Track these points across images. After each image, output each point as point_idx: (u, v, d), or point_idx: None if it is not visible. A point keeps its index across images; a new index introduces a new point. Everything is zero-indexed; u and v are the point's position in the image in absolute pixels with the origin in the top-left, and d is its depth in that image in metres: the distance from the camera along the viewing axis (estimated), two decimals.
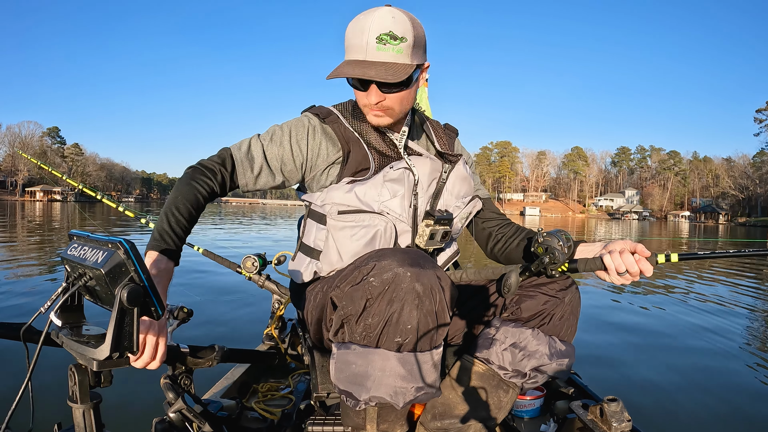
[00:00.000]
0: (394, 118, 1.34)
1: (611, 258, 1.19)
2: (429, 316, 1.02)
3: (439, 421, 1.36)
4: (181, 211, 1.19)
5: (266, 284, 2.57)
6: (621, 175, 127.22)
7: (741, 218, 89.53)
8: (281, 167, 1.37)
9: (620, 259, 1.19)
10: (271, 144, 1.36)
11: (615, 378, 3.06)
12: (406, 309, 1.00)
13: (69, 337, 0.94)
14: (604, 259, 1.20)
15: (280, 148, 1.36)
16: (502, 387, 1.35)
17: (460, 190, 1.45)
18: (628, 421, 1.54)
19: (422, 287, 1.01)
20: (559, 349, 1.34)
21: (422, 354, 1.06)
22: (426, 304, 1.01)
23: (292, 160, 1.37)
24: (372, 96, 1.28)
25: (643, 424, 1.56)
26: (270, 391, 1.96)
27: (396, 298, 1.00)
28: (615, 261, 1.19)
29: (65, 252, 1.00)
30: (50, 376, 2.17)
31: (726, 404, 2.67)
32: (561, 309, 1.33)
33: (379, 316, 1.02)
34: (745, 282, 7.90)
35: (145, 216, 2.79)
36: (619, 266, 1.19)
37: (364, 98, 1.30)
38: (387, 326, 1.02)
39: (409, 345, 1.03)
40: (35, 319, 0.93)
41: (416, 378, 1.06)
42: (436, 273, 1.05)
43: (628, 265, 1.19)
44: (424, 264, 1.04)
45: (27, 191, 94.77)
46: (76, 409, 0.96)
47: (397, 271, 1.01)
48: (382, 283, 1.02)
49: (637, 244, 1.22)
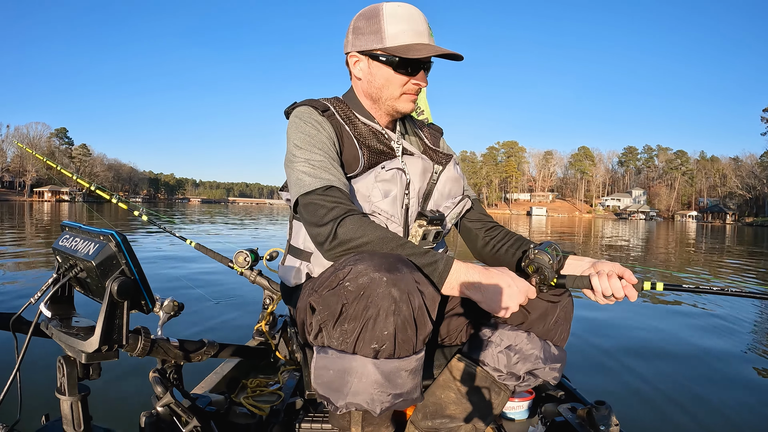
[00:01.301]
0: (414, 106, 1.41)
1: (599, 281, 1.23)
2: (407, 322, 1.01)
3: (430, 421, 1.36)
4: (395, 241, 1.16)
5: (258, 280, 2.57)
6: (628, 174, 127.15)
7: (748, 218, 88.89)
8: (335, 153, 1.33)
9: (608, 283, 1.23)
10: (311, 146, 1.30)
11: (604, 382, 3.07)
12: (381, 315, 0.98)
13: (58, 329, 0.93)
14: (592, 281, 1.24)
15: (317, 137, 1.31)
16: (495, 389, 1.35)
17: (450, 190, 1.46)
18: (616, 425, 1.54)
19: (399, 292, 0.99)
20: (553, 353, 1.35)
21: (400, 360, 1.04)
22: (403, 310, 0.99)
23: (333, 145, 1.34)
24: (424, 79, 1.35)
25: (631, 429, 1.57)
26: (259, 386, 1.95)
27: (372, 303, 0.99)
28: (602, 284, 1.23)
29: (57, 243, 0.99)
30: (39, 367, 2.15)
31: (714, 412, 2.69)
32: (555, 314, 1.33)
33: (355, 322, 1.00)
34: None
35: (138, 208, 2.78)
36: (605, 290, 1.23)
37: (411, 82, 1.34)
38: (363, 332, 1.00)
39: (386, 351, 1.02)
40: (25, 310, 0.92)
41: (394, 385, 1.04)
42: (413, 277, 1.03)
43: (615, 290, 1.23)
44: (402, 268, 1.02)
45: (35, 191, 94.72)
46: (64, 401, 0.95)
47: (373, 276, 0.99)
48: (357, 288, 1.00)
49: (626, 269, 1.25)
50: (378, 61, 1.33)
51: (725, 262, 11.46)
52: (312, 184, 1.23)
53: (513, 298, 1.11)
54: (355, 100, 1.43)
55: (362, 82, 1.39)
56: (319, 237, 1.20)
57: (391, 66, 1.32)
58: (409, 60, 1.30)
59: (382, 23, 1.30)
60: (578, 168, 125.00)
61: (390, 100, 1.37)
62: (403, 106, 1.37)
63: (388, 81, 1.34)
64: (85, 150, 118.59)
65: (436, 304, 1.07)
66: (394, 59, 1.30)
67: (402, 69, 1.32)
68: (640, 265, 10.49)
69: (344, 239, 1.15)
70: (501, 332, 1.34)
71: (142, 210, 2.74)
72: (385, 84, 1.35)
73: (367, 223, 1.17)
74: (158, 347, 1.34)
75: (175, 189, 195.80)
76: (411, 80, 1.33)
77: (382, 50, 1.30)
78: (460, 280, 1.12)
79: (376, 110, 1.42)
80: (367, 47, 1.33)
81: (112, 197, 2.81)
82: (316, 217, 1.20)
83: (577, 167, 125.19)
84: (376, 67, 1.34)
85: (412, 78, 1.33)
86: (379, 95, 1.37)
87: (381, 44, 1.30)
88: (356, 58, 1.37)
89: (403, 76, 1.33)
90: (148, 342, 1.27)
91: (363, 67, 1.37)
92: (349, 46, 1.37)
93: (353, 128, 1.37)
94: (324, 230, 1.18)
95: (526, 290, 1.14)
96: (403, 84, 1.34)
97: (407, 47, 1.29)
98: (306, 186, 1.24)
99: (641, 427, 2.40)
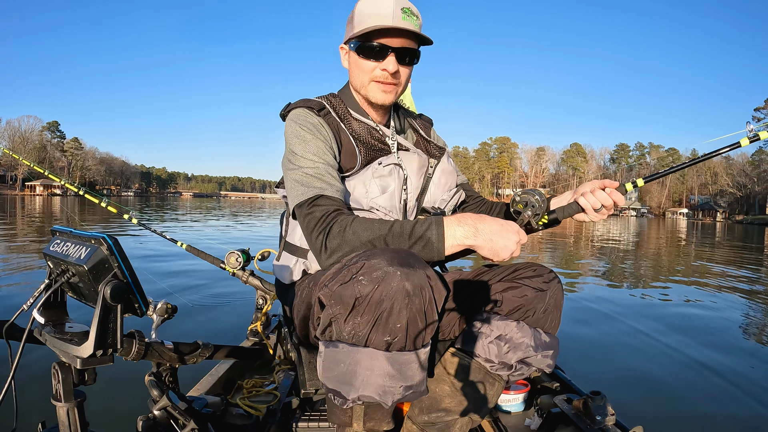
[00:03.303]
0: (395, 97, 1.39)
1: (585, 199, 1.33)
2: (418, 315, 1.02)
3: (426, 415, 1.36)
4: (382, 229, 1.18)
5: (250, 280, 2.56)
6: (620, 171, 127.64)
7: (738, 216, 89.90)
8: (331, 156, 1.34)
9: (594, 197, 1.32)
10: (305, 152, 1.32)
11: (599, 373, 3.10)
12: (395, 308, 1.00)
13: (52, 335, 0.93)
14: (580, 202, 1.33)
15: (312, 143, 1.33)
16: (488, 380, 1.36)
17: (446, 183, 1.49)
18: (612, 415, 1.56)
19: (412, 286, 1.00)
20: (544, 341, 1.36)
21: (411, 353, 1.06)
22: (416, 303, 1.01)
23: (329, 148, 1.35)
24: (390, 64, 1.31)
25: (627, 419, 1.59)
26: (255, 387, 1.95)
27: (386, 296, 1.00)
28: (590, 200, 1.33)
29: (48, 248, 0.98)
30: (34, 374, 2.14)
31: (710, 400, 2.73)
32: (544, 302, 1.34)
33: (369, 315, 1.02)
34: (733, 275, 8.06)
35: (128, 211, 2.76)
36: (594, 203, 1.33)
37: (379, 68, 1.33)
38: (376, 325, 1.02)
39: (398, 344, 1.03)
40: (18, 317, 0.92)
41: (404, 377, 1.06)
42: (425, 272, 1.04)
43: (602, 200, 1.32)
44: (414, 263, 1.04)
45: (27, 185, 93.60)
46: (60, 407, 0.95)
47: (387, 270, 1.01)
48: (371, 282, 1.01)
49: (605, 180, 1.36)
50: (351, 50, 1.36)
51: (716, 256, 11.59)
52: (304, 194, 1.27)
53: (510, 236, 1.15)
54: (349, 95, 1.45)
55: (350, 75, 1.42)
56: (314, 250, 1.25)
57: (357, 52, 1.33)
58: (373, 44, 1.30)
59: (355, 10, 1.33)
60: (570, 164, 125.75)
61: (362, 89, 1.39)
62: (373, 94, 1.37)
63: (358, 68, 1.36)
64: (77, 143, 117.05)
65: (443, 298, 1.08)
66: (357, 44, 1.32)
67: (365, 54, 1.33)
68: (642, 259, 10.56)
69: (334, 249, 1.19)
70: (491, 323, 1.35)
71: (132, 213, 2.72)
72: (356, 72, 1.37)
73: (351, 226, 1.19)
74: (153, 350, 1.34)
75: (167, 183, 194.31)
76: (378, 66, 1.33)
77: (352, 37, 1.32)
78: (456, 234, 1.16)
79: (363, 102, 1.44)
80: (346, 37, 1.36)
81: (101, 201, 2.78)
82: (308, 230, 1.25)
83: (569, 163, 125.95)
84: (352, 55, 1.37)
85: (379, 64, 1.33)
86: (356, 85, 1.40)
87: (352, 32, 1.32)
88: (344, 50, 1.41)
89: (368, 61, 1.33)
90: (143, 345, 1.27)
91: (348, 58, 1.40)
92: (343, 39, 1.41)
93: (348, 125, 1.39)
94: (316, 243, 1.22)
95: (518, 229, 1.18)
96: (371, 70, 1.34)
97: (370, 31, 1.29)
98: (298, 196, 1.28)
99: (637, 415, 2.42)
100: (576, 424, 1.59)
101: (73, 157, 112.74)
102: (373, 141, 1.39)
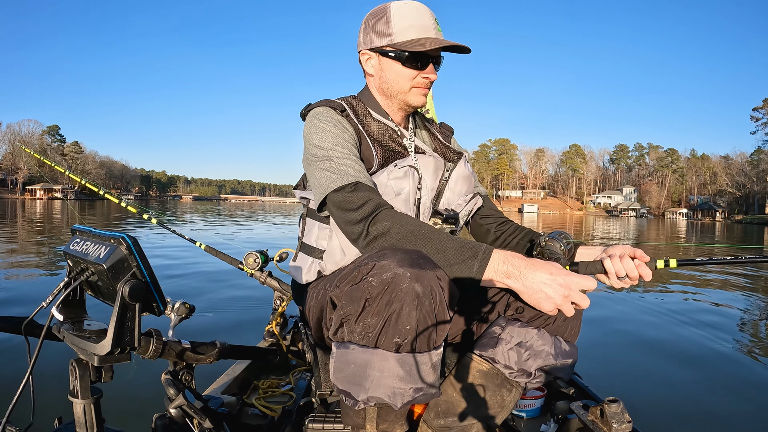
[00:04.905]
0: (426, 100, 1.44)
1: (612, 262, 1.25)
2: (428, 317, 1.02)
3: (442, 419, 1.35)
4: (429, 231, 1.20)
5: (268, 281, 2.57)
6: (619, 172, 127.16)
7: (738, 216, 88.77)
8: (357, 151, 1.37)
9: (620, 264, 1.25)
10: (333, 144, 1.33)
11: (616, 379, 3.05)
12: (405, 309, 1.00)
13: (70, 332, 0.94)
14: (605, 264, 1.26)
15: (339, 136, 1.35)
16: (506, 386, 1.34)
17: (461, 188, 1.49)
18: (629, 422, 1.53)
19: (422, 288, 1.00)
20: (564, 349, 1.34)
21: (421, 355, 1.05)
22: (425, 305, 1.00)
23: (355, 144, 1.37)
24: (432, 73, 1.40)
25: (644, 426, 1.56)
26: (271, 387, 1.96)
27: (395, 298, 1.00)
28: (615, 265, 1.25)
29: (67, 247, 0.99)
30: (51, 370, 2.17)
31: (728, 406, 2.66)
32: None
33: (378, 316, 1.01)
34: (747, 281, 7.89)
35: (147, 211, 2.79)
36: (619, 271, 1.24)
37: (421, 75, 1.39)
38: (386, 326, 1.01)
39: (408, 345, 1.03)
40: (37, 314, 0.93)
41: (415, 379, 1.05)
42: (436, 274, 1.04)
43: (628, 270, 1.24)
44: (424, 264, 1.03)
45: (27, 189, 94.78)
46: (76, 403, 0.96)
47: (397, 272, 1.00)
48: (381, 283, 1.01)
49: (636, 249, 1.27)
50: (387, 57, 1.39)
51: None
52: (338, 180, 1.28)
53: (558, 290, 1.09)
54: (370, 98, 1.48)
55: (375, 79, 1.46)
56: (352, 234, 1.26)
57: (400, 60, 1.38)
58: (417, 53, 1.36)
59: (389, 20, 1.36)
60: (569, 165, 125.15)
61: (401, 94, 1.43)
62: (414, 99, 1.43)
63: (398, 75, 1.40)
64: (77, 147, 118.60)
65: (455, 301, 1.08)
66: (403, 54, 1.36)
67: (410, 63, 1.38)
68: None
69: (377, 235, 1.20)
70: (511, 329, 1.34)
71: (151, 213, 2.75)
72: (396, 79, 1.41)
73: (398, 216, 1.21)
74: (170, 349, 1.35)
75: (167, 186, 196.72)
76: (420, 74, 1.39)
77: (391, 46, 1.37)
78: (500, 269, 1.13)
79: (389, 105, 1.47)
80: (377, 44, 1.40)
81: (122, 201, 2.82)
82: (348, 215, 1.25)
83: (569, 165, 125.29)
84: (386, 62, 1.40)
85: (422, 72, 1.39)
86: (391, 90, 1.43)
87: (390, 40, 1.37)
88: (368, 55, 1.44)
89: (411, 70, 1.39)
90: (160, 344, 1.28)
91: (374, 63, 1.43)
92: (361, 44, 1.44)
93: (368, 126, 1.42)
94: (357, 228, 1.23)
95: (572, 283, 1.09)
96: (412, 78, 1.39)
97: (414, 41, 1.35)
98: (332, 183, 1.28)
99: (654, 423, 2.38)
100: (592, 431, 1.57)
101: (74, 160, 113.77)
102: (390, 143, 1.41)
